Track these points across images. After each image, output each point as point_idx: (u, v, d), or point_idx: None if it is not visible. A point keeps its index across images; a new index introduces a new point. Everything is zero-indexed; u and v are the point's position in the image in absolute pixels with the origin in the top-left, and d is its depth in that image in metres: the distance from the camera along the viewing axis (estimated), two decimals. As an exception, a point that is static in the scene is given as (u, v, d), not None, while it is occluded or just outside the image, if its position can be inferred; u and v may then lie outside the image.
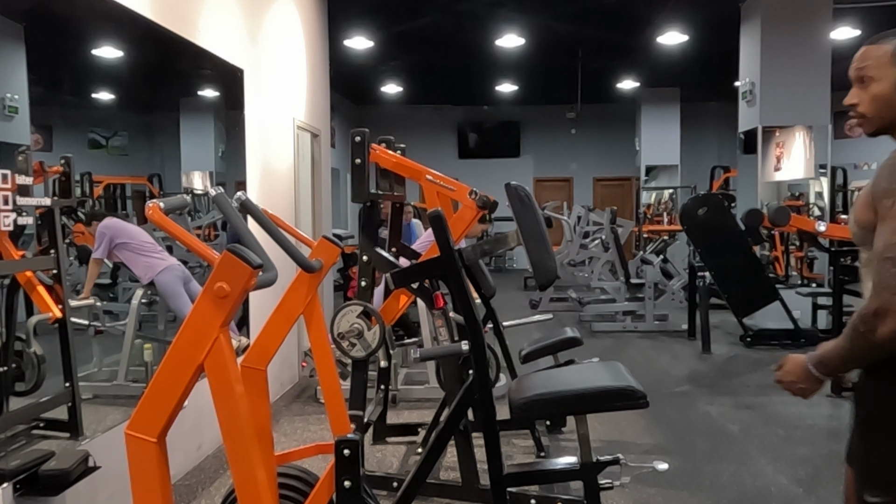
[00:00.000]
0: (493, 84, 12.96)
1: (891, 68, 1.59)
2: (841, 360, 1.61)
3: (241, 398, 1.68)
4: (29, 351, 2.79)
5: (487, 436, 2.28)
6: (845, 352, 1.58)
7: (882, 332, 1.46)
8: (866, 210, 1.59)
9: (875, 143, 7.33)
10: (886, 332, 1.46)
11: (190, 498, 3.40)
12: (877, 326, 1.47)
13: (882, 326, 1.46)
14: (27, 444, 2.64)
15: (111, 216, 3.58)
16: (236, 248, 1.63)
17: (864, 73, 1.64)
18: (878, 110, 1.64)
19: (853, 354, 1.57)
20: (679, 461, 3.75)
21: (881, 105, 1.63)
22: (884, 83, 1.61)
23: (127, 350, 3.52)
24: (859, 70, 1.65)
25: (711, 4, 8.35)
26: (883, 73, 1.61)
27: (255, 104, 4.75)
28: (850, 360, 1.60)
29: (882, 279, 1.47)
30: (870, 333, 1.48)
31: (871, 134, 1.70)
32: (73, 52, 3.11)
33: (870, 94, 1.63)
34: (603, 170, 15.48)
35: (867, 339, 1.50)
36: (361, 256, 2.95)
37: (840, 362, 1.62)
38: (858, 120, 1.70)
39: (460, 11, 8.44)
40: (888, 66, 1.60)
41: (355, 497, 2.29)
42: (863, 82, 1.65)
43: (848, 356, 1.58)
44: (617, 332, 7.69)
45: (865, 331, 1.49)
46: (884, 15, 8.44)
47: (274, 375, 3.55)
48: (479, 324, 2.29)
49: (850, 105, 1.69)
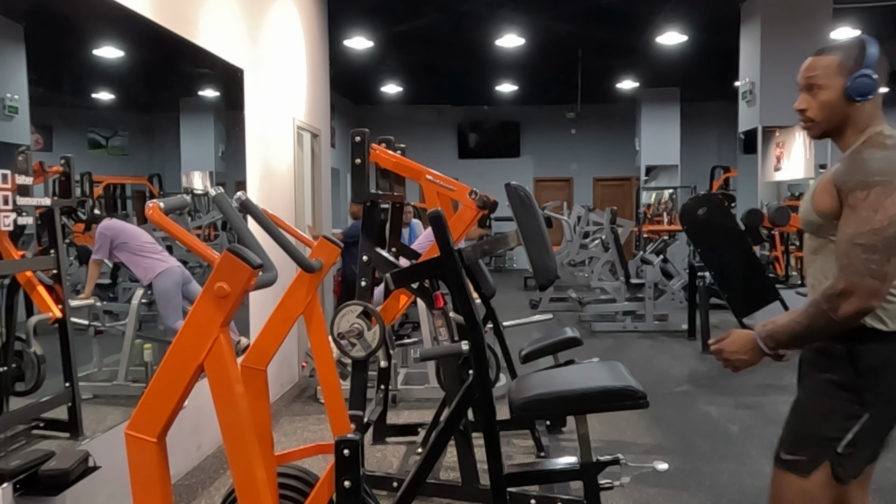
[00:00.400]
0: (493, 84, 12.96)
1: (837, 77, 1.77)
2: (792, 335, 1.74)
3: (241, 398, 1.68)
4: (29, 351, 2.79)
5: (487, 436, 2.28)
6: (801, 328, 1.71)
7: (844, 310, 1.63)
8: (828, 199, 1.74)
9: (875, 143, 6.97)
10: (849, 311, 1.63)
11: (190, 498, 3.40)
12: (839, 305, 1.64)
13: (845, 306, 1.63)
14: (27, 444, 2.64)
15: (110, 217, 3.58)
16: (236, 248, 1.62)
17: (813, 81, 1.81)
18: (825, 116, 1.81)
19: (809, 330, 1.72)
20: (679, 461, 3.75)
21: (828, 111, 1.80)
22: (831, 91, 1.78)
23: (127, 350, 3.52)
24: (808, 79, 1.82)
25: (711, 4, 8.36)
26: (830, 82, 1.78)
27: (255, 104, 4.75)
28: (803, 335, 1.74)
29: (850, 262, 1.64)
30: (832, 311, 1.65)
31: (816, 137, 1.87)
32: (73, 52, 3.11)
33: (818, 101, 1.80)
34: (603, 170, 15.48)
35: (828, 316, 1.66)
36: (361, 256, 2.95)
37: (790, 337, 1.75)
38: (806, 124, 1.87)
39: (460, 11, 8.44)
40: (835, 76, 1.77)
41: (355, 497, 2.29)
42: (811, 90, 1.82)
43: (802, 332, 1.73)
44: (617, 332, 7.69)
45: (828, 308, 1.66)
46: (884, 15, 8.44)
47: (274, 375, 3.55)
48: (479, 324, 2.29)
49: (799, 110, 1.85)
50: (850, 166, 1.71)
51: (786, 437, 1.86)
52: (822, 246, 1.80)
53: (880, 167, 1.66)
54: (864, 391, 1.73)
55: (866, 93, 1.74)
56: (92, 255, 3.40)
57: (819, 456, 1.76)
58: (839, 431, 1.75)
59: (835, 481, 1.78)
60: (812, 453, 1.77)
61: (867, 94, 1.75)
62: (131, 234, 3.61)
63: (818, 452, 1.76)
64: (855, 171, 1.68)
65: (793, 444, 1.82)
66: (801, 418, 1.83)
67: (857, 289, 1.61)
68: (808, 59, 1.84)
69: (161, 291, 3.68)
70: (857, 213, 1.64)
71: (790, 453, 1.81)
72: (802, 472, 1.78)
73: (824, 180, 1.77)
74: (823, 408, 1.78)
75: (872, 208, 1.63)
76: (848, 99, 1.76)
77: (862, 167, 1.68)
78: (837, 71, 1.76)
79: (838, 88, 1.76)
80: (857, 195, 1.65)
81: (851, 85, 1.74)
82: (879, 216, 1.62)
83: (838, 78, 1.76)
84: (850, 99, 1.76)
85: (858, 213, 1.64)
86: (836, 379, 1.76)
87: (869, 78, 1.74)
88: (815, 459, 1.76)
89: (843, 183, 1.69)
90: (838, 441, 1.74)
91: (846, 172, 1.70)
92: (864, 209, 1.63)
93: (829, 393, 1.77)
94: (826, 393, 1.78)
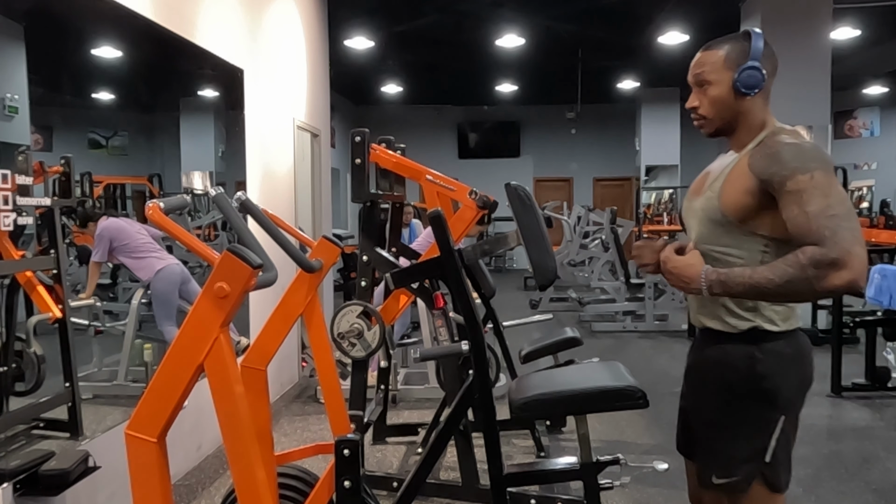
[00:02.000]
0: (493, 84, 12.96)
1: (725, 72, 1.73)
2: (751, 288, 1.59)
3: (241, 398, 1.68)
4: (29, 351, 2.79)
5: (487, 436, 2.28)
6: (768, 286, 1.56)
7: (832, 282, 1.51)
8: (743, 196, 1.67)
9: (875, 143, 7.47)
10: (838, 284, 1.51)
11: (190, 498, 3.40)
12: (828, 275, 1.51)
13: (834, 277, 1.51)
14: (27, 444, 2.64)
15: (108, 216, 3.57)
16: (236, 248, 1.63)
17: (702, 77, 1.77)
18: (717, 112, 1.77)
19: (778, 290, 1.57)
20: (679, 461, 3.71)
21: (719, 107, 1.76)
22: (720, 86, 1.74)
23: (127, 350, 3.51)
24: (697, 75, 1.79)
25: (711, 4, 8.35)
26: (719, 77, 1.74)
27: (255, 104, 4.75)
28: (766, 293, 1.60)
29: (835, 232, 1.52)
30: (817, 280, 1.52)
31: (711, 134, 1.82)
32: (74, 52, 3.11)
33: (709, 98, 1.77)
34: (603, 170, 15.47)
35: (810, 285, 1.53)
36: (361, 256, 2.95)
37: (746, 290, 1.61)
38: (699, 122, 1.82)
39: (460, 11, 8.43)
40: (723, 70, 1.73)
41: (355, 497, 2.29)
42: (701, 86, 1.78)
43: (768, 289, 1.58)
44: (617, 332, 7.69)
45: (814, 276, 1.52)
46: (884, 15, 8.44)
47: (274, 375, 3.55)
48: (479, 324, 2.29)
49: (691, 108, 1.81)
50: (770, 158, 1.64)
51: (712, 460, 1.80)
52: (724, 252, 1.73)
53: (808, 156, 1.61)
54: (773, 396, 1.71)
55: (753, 85, 1.71)
56: (91, 257, 3.40)
57: (751, 472, 1.72)
58: (762, 442, 1.71)
59: (771, 491, 1.74)
60: (744, 471, 1.73)
61: (754, 86, 1.71)
62: (129, 235, 3.60)
63: (750, 469, 1.72)
64: (783, 161, 1.61)
65: (724, 467, 1.76)
66: (723, 440, 1.76)
67: (850, 259, 1.50)
68: (697, 55, 1.80)
69: (158, 292, 3.67)
70: (811, 191, 1.56)
71: (723, 477, 1.76)
72: (741, 490, 1.74)
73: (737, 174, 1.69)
74: (743, 425, 1.73)
75: (824, 186, 1.57)
76: (737, 93, 1.72)
77: (787, 157, 1.61)
78: (725, 65, 1.73)
79: (727, 83, 1.72)
80: (799, 179, 1.58)
81: (739, 78, 1.71)
82: (834, 192, 1.57)
83: (726, 72, 1.73)
84: (738, 93, 1.72)
85: (812, 191, 1.56)
86: (744, 391, 1.72)
87: (756, 70, 1.71)
88: (749, 476, 1.73)
89: (773, 173, 1.62)
90: (764, 451, 1.71)
91: (770, 164, 1.63)
92: (817, 188, 1.56)
93: (742, 408, 1.73)
94: (739, 409, 1.73)
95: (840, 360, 4.97)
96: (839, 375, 4.97)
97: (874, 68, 11.94)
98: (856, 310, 5.52)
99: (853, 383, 5.00)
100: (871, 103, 14.04)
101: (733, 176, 1.71)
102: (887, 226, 8.11)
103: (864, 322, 5.02)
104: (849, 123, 14.35)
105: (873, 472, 3.62)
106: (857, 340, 6.06)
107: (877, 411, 4.67)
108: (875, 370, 5.01)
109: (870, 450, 3.94)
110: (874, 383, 4.99)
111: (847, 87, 12.48)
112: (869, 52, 10.46)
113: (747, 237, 1.70)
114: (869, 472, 3.61)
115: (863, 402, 4.85)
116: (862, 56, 10.54)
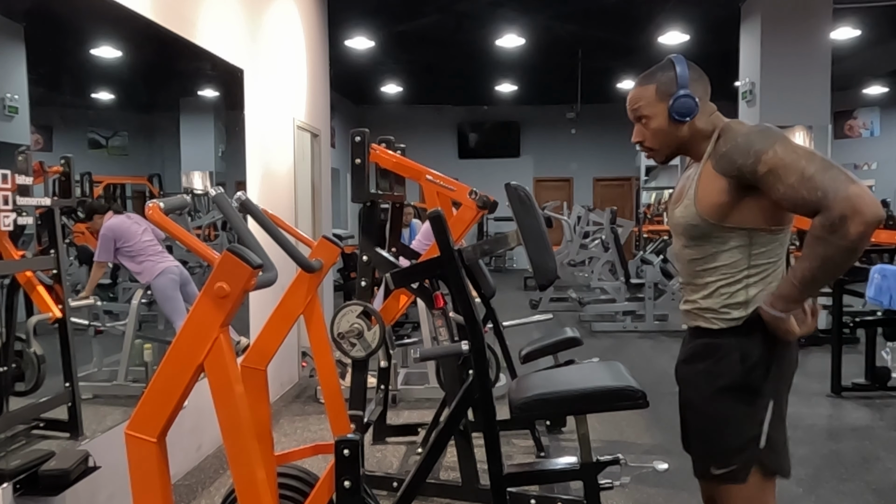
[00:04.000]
0: (492, 84, 12.96)
1: (659, 104, 1.80)
2: (803, 284, 1.65)
3: (241, 398, 1.68)
4: (29, 351, 2.79)
5: (487, 436, 2.28)
6: (812, 272, 1.62)
7: (854, 230, 1.54)
8: (718, 195, 1.72)
9: (875, 143, 7.48)
10: (858, 230, 1.54)
11: (190, 498, 3.40)
12: (848, 227, 1.55)
13: (852, 226, 1.54)
14: (27, 444, 2.64)
15: (113, 211, 3.57)
16: (236, 248, 1.62)
17: (640, 112, 1.84)
18: (661, 142, 1.85)
19: (823, 270, 1.62)
20: (679, 461, 3.71)
21: (662, 137, 1.83)
22: (658, 119, 1.81)
23: (127, 350, 3.52)
24: (635, 111, 1.86)
25: (711, 4, 8.35)
26: (655, 110, 1.81)
27: (255, 104, 4.75)
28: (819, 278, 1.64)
29: (825, 189, 1.57)
30: (842, 238, 1.56)
31: (662, 162, 1.91)
32: (73, 52, 3.11)
33: (650, 130, 1.84)
34: (603, 170, 15.48)
35: (839, 244, 1.57)
36: (361, 256, 2.95)
37: (802, 288, 1.66)
38: (649, 153, 1.90)
39: (460, 11, 8.44)
40: (657, 103, 1.80)
41: (355, 497, 2.29)
42: (641, 121, 1.85)
43: (816, 275, 1.63)
44: (617, 332, 7.69)
45: (838, 238, 1.56)
46: (884, 15, 8.44)
47: (274, 375, 3.55)
48: (479, 324, 2.29)
49: (637, 142, 1.89)
50: (730, 155, 1.69)
51: (708, 452, 1.84)
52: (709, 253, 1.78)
53: (760, 136, 1.66)
54: (762, 381, 1.75)
55: (687, 112, 1.76)
56: (95, 257, 3.40)
57: (748, 459, 1.77)
58: (756, 429, 1.76)
59: (769, 476, 1.80)
60: (741, 459, 1.77)
61: (687, 113, 1.76)
62: (133, 236, 3.61)
63: (747, 456, 1.77)
64: (742, 151, 1.66)
65: (721, 458, 1.80)
66: (717, 432, 1.81)
67: (852, 203, 1.53)
68: (630, 91, 1.86)
69: (160, 291, 3.68)
70: (782, 165, 1.61)
71: (722, 467, 1.80)
72: (739, 479, 1.79)
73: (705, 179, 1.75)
74: (735, 415, 1.77)
75: (790, 154, 1.61)
76: (674, 121, 1.78)
77: (744, 146, 1.66)
78: (657, 98, 1.79)
79: (664, 114, 1.79)
80: (767, 156, 1.62)
81: (672, 108, 1.77)
82: (800, 154, 1.62)
83: (660, 104, 1.79)
84: (675, 121, 1.78)
85: (783, 164, 1.61)
86: (730, 383, 1.76)
87: (687, 97, 1.76)
88: (747, 464, 1.77)
89: (740, 166, 1.67)
90: (758, 438, 1.76)
91: (734, 159, 1.68)
92: (784, 158, 1.61)
93: (733, 398, 1.77)
94: (731, 399, 1.77)
95: (840, 360, 4.96)
96: (839, 375, 4.97)
97: (874, 68, 11.94)
98: (856, 310, 5.52)
99: (853, 383, 5.00)
100: (871, 103, 14.05)
101: (703, 182, 1.77)
102: (887, 226, 8.11)
103: (864, 322, 5.02)
104: (849, 123, 14.35)
105: (873, 472, 3.62)
106: (857, 340, 6.06)
107: (877, 411, 4.67)
108: (875, 370, 5.01)
109: (870, 450, 3.94)
110: (874, 383, 4.99)
111: (847, 87, 12.48)
112: (869, 52, 10.46)
113: (729, 233, 1.75)
114: (869, 472, 3.61)
115: (863, 402, 4.85)
116: (862, 56, 10.54)
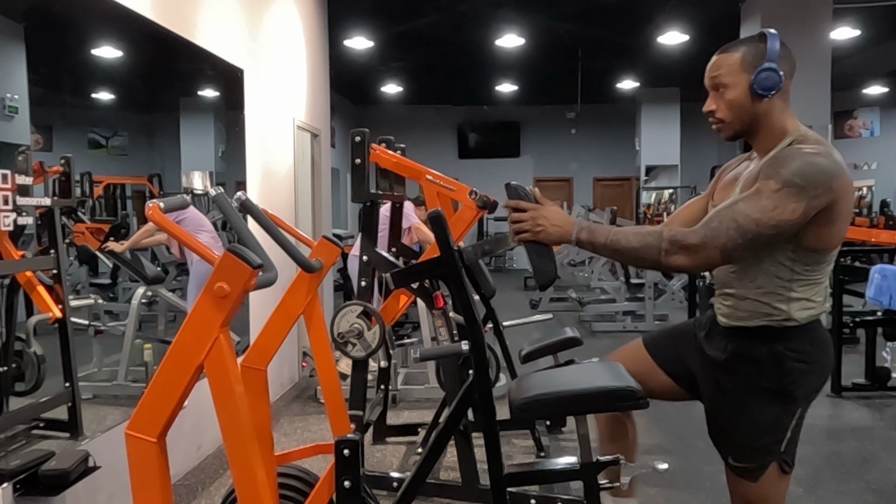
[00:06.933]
0: (493, 84, 12.96)
1: (742, 74, 1.73)
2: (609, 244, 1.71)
3: (241, 398, 1.68)
4: (29, 351, 2.79)
5: (487, 436, 2.28)
6: (626, 245, 1.69)
7: (677, 261, 1.64)
8: None
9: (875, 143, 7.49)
10: (681, 263, 1.65)
11: (190, 498, 3.40)
12: (675, 255, 1.63)
13: (681, 258, 1.64)
14: (27, 444, 2.64)
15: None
16: (236, 248, 1.62)
17: (718, 80, 1.77)
18: (734, 115, 1.77)
19: (631, 253, 1.70)
20: (679, 461, 3.75)
21: (737, 110, 1.76)
22: (737, 89, 1.74)
23: (127, 350, 3.51)
24: (713, 79, 1.78)
25: (711, 4, 8.36)
26: (736, 80, 1.74)
27: (255, 104, 4.75)
28: (620, 251, 1.71)
29: (717, 229, 1.62)
30: (665, 254, 1.64)
31: (729, 138, 1.83)
32: (73, 52, 3.11)
33: (726, 101, 1.77)
34: (603, 170, 15.48)
35: (657, 257, 1.65)
36: (361, 256, 2.95)
37: (605, 244, 1.72)
38: (718, 125, 1.82)
39: (460, 11, 8.44)
40: (739, 73, 1.73)
41: (355, 497, 2.29)
42: (718, 90, 1.78)
43: (623, 249, 1.70)
44: (617, 332, 7.68)
45: (665, 250, 1.64)
46: (884, 15, 8.44)
47: (274, 375, 3.55)
48: (479, 324, 2.28)
49: (708, 112, 1.81)
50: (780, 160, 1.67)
51: (731, 444, 1.86)
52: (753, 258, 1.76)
53: (802, 169, 1.62)
54: (794, 388, 1.76)
55: (771, 87, 1.70)
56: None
57: (766, 461, 1.79)
58: (781, 433, 1.78)
59: (783, 473, 1.82)
60: (759, 461, 1.80)
61: (771, 88, 1.71)
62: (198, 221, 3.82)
63: (765, 458, 1.79)
64: (781, 164, 1.65)
65: (741, 453, 1.82)
66: (745, 430, 1.82)
67: (704, 251, 1.61)
68: (713, 58, 1.80)
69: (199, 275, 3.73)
70: (760, 198, 1.61)
71: (738, 461, 1.82)
72: (752, 478, 1.81)
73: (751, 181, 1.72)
74: (765, 417, 1.78)
75: (774, 204, 1.60)
76: (754, 95, 1.72)
77: (788, 162, 1.64)
78: (741, 67, 1.72)
79: (744, 85, 1.73)
80: (769, 184, 1.62)
81: (756, 80, 1.70)
82: (774, 213, 1.60)
83: (743, 74, 1.72)
84: (756, 95, 1.72)
85: (761, 199, 1.61)
86: (768, 385, 1.77)
87: (773, 71, 1.69)
88: (763, 465, 1.79)
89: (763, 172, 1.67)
90: (781, 442, 1.78)
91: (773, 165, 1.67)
92: (768, 200, 1.61)
93: (765, 401, 1.78)
94: (763, 402, 1.78)
95: (840, 360, 4.97)
96: (839, 375, 4.97)
97: (874, 68, 11.94)
98: (856, 310, 5.52)
99: (853, 383, 5.00)
100: (871, 103, 14.04)
101: (750, 184, 1.72)
102: (887, 226, 8.11)
103: (864, 322, 5.02)
104: (849, 123, 14.35)
105: (873, 472, 3.62)
106: (857, 340, 6.06)
107: (877, 411, 4.67)
108: (875, 370, 5.01)
109: (870, 450, 3.94)
110: (874, 383, 4.99)
111: (847, 87, 12.47)
112: (869, 52, 10.46)
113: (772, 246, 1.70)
114: (869, 472, 3.61)
115: (863, 402, 4.85)
116: (862, 56, 10.54)
